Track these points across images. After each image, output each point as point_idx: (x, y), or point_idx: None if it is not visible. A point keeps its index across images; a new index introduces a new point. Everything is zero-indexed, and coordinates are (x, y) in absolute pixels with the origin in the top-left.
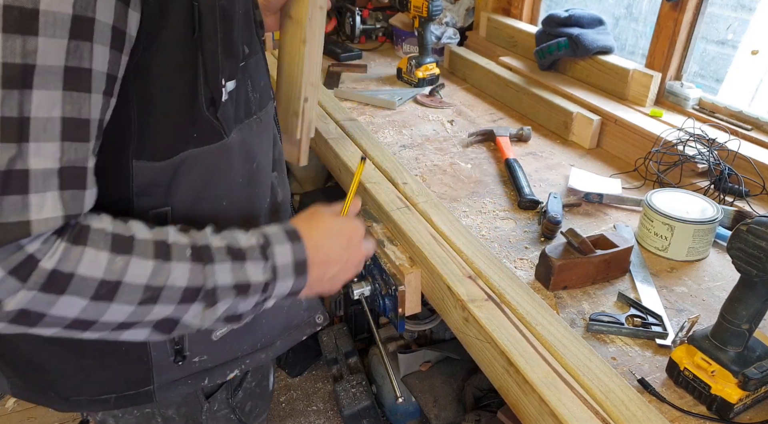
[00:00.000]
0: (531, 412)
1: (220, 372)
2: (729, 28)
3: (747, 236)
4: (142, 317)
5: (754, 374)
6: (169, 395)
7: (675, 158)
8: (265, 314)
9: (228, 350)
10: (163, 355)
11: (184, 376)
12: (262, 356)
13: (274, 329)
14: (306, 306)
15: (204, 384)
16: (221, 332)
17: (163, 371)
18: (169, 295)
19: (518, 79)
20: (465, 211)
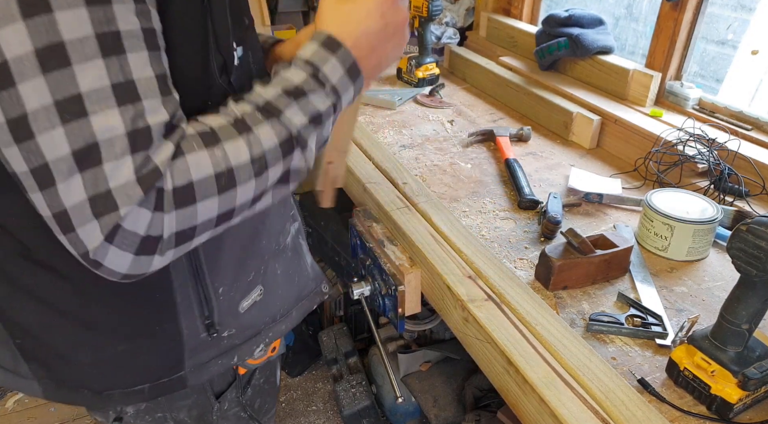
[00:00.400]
0: (531, 412)
1: (247, 349)
2: (729, 28)
3: (747, 236)
4: (265, 185)
5: (754, 374)
6: (201, 377)
7: (675, 158)
8: (280, 286)
9: (252, 322)
10: (194, 332)
11: (215, 356)
12: (282, 328)
13: (289, 300)
14: (312, 276)
15: (233, 362)
16: (246, 303)
17: (195, 351)
18: (273, 156)
19: (518, 79)
20: (465, 211)
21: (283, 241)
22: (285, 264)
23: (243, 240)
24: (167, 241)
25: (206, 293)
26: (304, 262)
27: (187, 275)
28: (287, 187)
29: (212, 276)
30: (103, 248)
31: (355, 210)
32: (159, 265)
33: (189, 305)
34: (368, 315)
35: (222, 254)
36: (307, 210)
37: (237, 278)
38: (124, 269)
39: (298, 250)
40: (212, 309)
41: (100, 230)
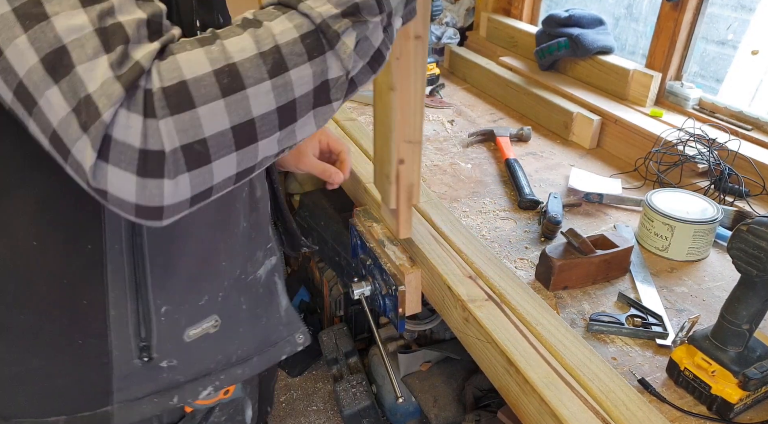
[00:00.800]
0: (531, 412)
1: (190, 389)
2: (729, 29)
3: (747, 236)
4: (291, 92)
5: (755, 374)
6: (131, 416)
7: (675, 158)
8: (242, 323)
9: (201, 357)
10: (125, 354)
11: (150, 392)
12: (238, 372)
13: (250, 341)
14: (285, 321)
15: (172, 403)
16: (195, 332)
17: (126, 381)
18: (292, 53)
19: (518, 79)
20: (465, 211)
21: (252, 271)
22: (252, 300)
23: (199, 254)
24: (173, 159)
25: (146, 309)
26: (277, 303)
27: (126, 284)
28: (330, 107)
29: (156, 290)
30: (100, 169)
31: (356, 210)
32: (173, 195)
33: (123, 320)
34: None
35: (172, 267)
36: (308, 210)
37: (185, 299)
38: (132, 197)
39: (271, 288)
40: (150, 330)
41: (90, 144)
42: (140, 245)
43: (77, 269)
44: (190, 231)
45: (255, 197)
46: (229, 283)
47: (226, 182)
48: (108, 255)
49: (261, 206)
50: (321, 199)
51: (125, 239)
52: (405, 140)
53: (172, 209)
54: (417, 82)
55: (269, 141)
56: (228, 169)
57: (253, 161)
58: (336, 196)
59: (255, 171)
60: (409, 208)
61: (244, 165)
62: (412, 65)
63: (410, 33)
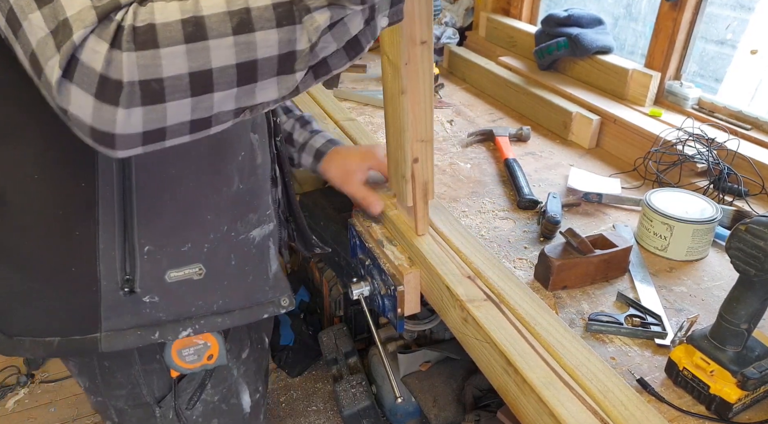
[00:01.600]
0: (530, 412)
1: (172, 328)
2: (728, 28)
3: (746, 236)
4: (253, 52)
5: (753, 373)
6: (116, 344)
7: (674, 158)
8: (224, 276)
9: (182, 300)
10: (112, 285)
11: (134, 325)
12: (218, 321)
13: (234, 295)
14: (272, 284)
15: (154, 338)
16: (176, 274)
17: (113, 311)
18: (261, 17)
19: (518, 79)
20: (464, 211)
21: (244, 231)
22: (242, 257)
23: (183, 205)
24: (129, 90)
25: (131, 246)
26: (267, 267)
27: (115, 222)
28: (293, 77)
29: (140, 230)
30: (65, 88)
31: (355, 210)
32: (124, 125)
33: (111, 254)
34: (368, 315)
35: (157, 211)
36: (307, 210)
37: (167, 243)
38: (89, 118)
39: (264, 251)
40: (134, 266)
41: (59, 61)
42: (129, 188)
43: (72, 203)
44: (177, 182)
45: (255, 164)
46: (216, 237)
47: (180, 128)
48: (99, 193)
49: (260, 173)
50: (320, 200)
51: (116, 181)
52: (418, 139)
53: (123, 140)
54: (425, 84)
55: (225, 95)
56: (181, 114)
57: (208, 112)
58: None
59: (212, 125)
60: (425, 204)
61: (198, 114)
62: (420, 69)
63: (416, 39)
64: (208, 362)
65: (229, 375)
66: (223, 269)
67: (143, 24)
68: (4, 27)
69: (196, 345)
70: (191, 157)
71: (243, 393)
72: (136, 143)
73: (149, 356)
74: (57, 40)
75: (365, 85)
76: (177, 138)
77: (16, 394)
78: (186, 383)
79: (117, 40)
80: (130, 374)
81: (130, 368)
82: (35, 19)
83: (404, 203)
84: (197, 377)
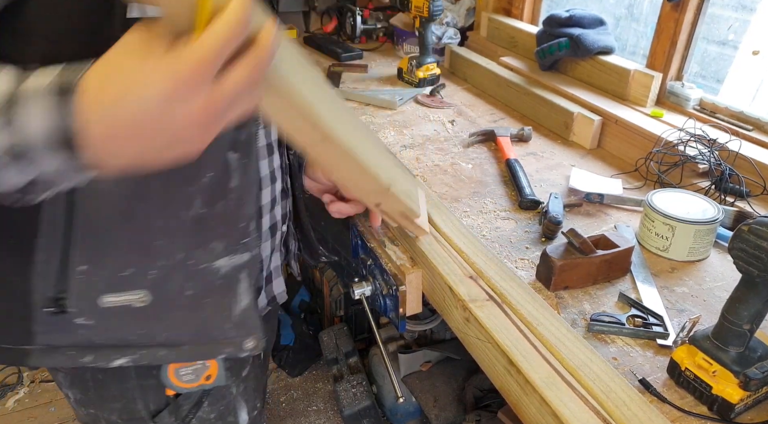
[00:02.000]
0: (532, 412)
1: (104, 355)
2: (730, 29)
3: (748, 236)
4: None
5: (756, 374)
6: (46, 360)
7: (676, 159)
8: (174, 306)
9: (120, 326)
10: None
11: (68, 344)
12: (161, 353)
13: (183, 328)
14: (236, 322)
15: (85, 361)
16: (113, 299)
17: (47, 326)
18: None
19: (519, 80)
20: (466, 211)
21: (206, 260)
22: (201, 288)
23: (128, 226)
24: None
25: (66, 264)
26: (232, 302)
27: (56, 235)
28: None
29: (77, 249)
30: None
31: None
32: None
33: (46, 267)
34: (369, 315)
35: (96, 230)
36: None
37: (104, 265)
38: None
39: (232, 285)
40: (67, 285)
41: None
42: (73, 202)
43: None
44: (123, 202)
45: (226, 187)
46: (168, 264)
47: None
48: (44, 203)
49: (234, 197)
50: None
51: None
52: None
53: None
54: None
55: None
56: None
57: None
58: None
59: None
60: (411, 222)
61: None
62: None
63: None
64: (206, 382)
65: (227, 393)
66: (173, 299)
67: None
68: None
69: (194, 365)
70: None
71: (241, 411)
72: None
73: (146, 371)
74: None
75: (366, 85)
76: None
77: (16, 393)
78: (183, 400)
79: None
80: (125, 388)
81: (125, 382)
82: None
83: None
84: (194, 395)
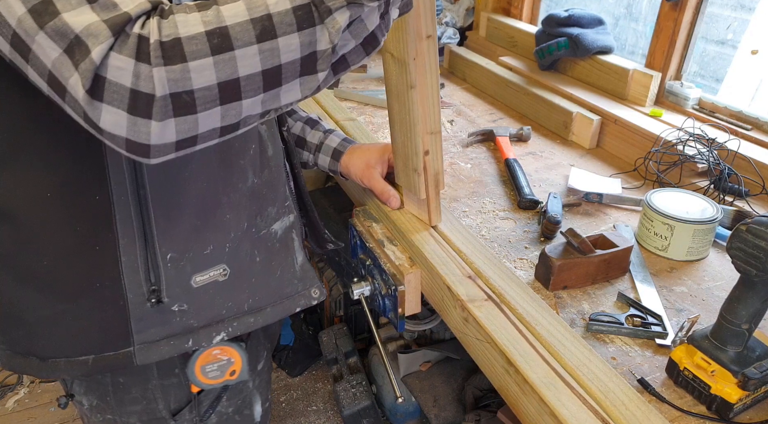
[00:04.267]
0: (531, 412)
1: (205, 334)
2: (729, 28)
3: (747, 236)
4: (277, 58)
5: (754, 373)
6: (151, 356)
7: (675, 158)
8: (255, 274)
9: (211, 303)
10: (138, 298)
11: (166, 335)
12: (250, 320)
13: (263, 292)
14: (300, 276)
15: (188, 346)
16: (202, 278)
17: (143, 323)
18: (283, 22)
19: (518, 79)
20: (465, 211)
21: (264, 226)
22: (267, 252)
23: (200, 207)
24: (162, 104)
25: (153, 255)
26: (293, 259)
27: (135, 232)
28: (315, 77)
29: (161, 239)
30: (95, 108)
31: (355, 210)
32: (159, 136)
33: (134, 266)
34: (368, 315)
35: (174, 217)
36: None
37: (189, 247)
38: (123, 131)
39: (288, 244)
40: (159, 275)
41: (81, 81)
42: (144, 196)
43: (88, 218)
44: (191, 184)
45: (266, 156)
46: (237, 235)
47: (211, 134)
48: (115, 206)
49: (273, 165)
50: (321, 199)
51: (130, 191)
52: (428, 132)
53: (158, 149)
54: (433, 78)
55: (253, 101)
56: (212, 122)
57: (237, 118)
58: (336, 196)
59: (240, 128)
60: (437, 195)
61: (227, 120)
62: (427, 63)
63: (422, 33)
64: (230, 377)
65: (245, 387)
66: (248, 267)
67: (169, 38)
68: (9, 52)
69: (219, 361)
70: (201, 157)
71: (256, 403)
72: (169, 151)
73: (167, 370)
74: (74, 59)
75: (366, 85)
76: (207, 142)
77: (16, 394)
78: (203, 397)
79: (142, 54)
80: (146, 388)
81: (147, 382)
82: (43, 40)
83: (417, 196)
84: (214, 391)
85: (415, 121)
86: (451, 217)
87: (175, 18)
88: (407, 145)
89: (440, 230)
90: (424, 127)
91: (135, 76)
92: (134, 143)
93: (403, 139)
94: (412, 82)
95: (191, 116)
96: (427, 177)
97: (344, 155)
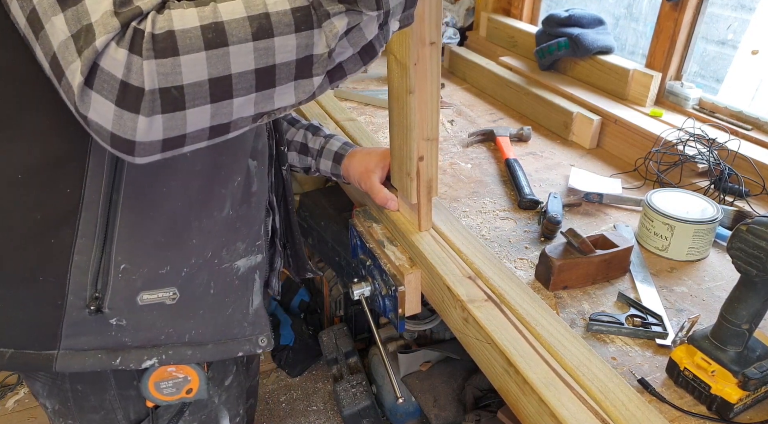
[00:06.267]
0: (530, 412)
1: (135, 355)
2: (729, 28)
3: (747, 236)
4: (272, 57)
5: (754, 374)
6: (72, 364)
7: (675, 158)
8: (200, 305)
9: (151, 325)
10: (79, 300)
11: (96, 347)
12: (187, 353)
13: (209, 327)
14: (252, 320)
15: (115, 364)
16: (149, 297)
17: (75, 328)
18: (280, 22)
19: (518, 79)
20: (465, 211)
21: (228, 259)
22: (224, 287)
23: (168, 225)
24: (150, 98)
25: (107, 262)
26: (249, 300)
27: (95, 234)
28: (310, 81)
29: (120, 247)
30: (86, 95)
31: (355, 210)
32: (145, 133)
33: (84, 267)
34: (368, 315)
35: (140, 229)
36: (307, 210)
37: (145, 263)
38: (109, 124)
39: (248, 284)
40: (106, 284)
41: (80, 67)
42: (116, 201)
43: (53, 209)
44: (166, 201)
45: (249, 191)
46: (198, 262)
47: (200, 134)
48: (84, 203)
49: (254, 202)
50: (321, 200)
51: (104, 193)
52: (424, 138)
53: (143, 147)
54: (433, 84)
55: (245, 100)
56: (201, 121)
57: (228, 118)
58: (336, 196)
59: (231, 130)
60: (429, 201)
61: (218, 120)
62: (428, 69)
63: (426, 39)
64: (186, 395)
65: (209, 402)
66: (200, 297)
67: (162, 31)
68: (24, 26)
69: (175, 379)
70: (184, 176)
71: (223, 419)
72: (155, 150)
73: (126, 382)
74: (78, 44)
75: (366, 85)
76: (196, 144)
77: (16, 393)
78: (163, 411)
79: (136, 46)
80: (104, 398)
81: (105, 392)
82: (58, 21)
83: (408, 200)
84: (175, 406)
85: (411, 125)
86: (451, 217)
87: (171, 12)
88: (403, 148)
89: (440, 230)
90: (421, 132)
91: (126, 68)
92: (119, 138)
93: (400, 143)
94: (411, 88)
95: (179, 113)
96: (419, 182)
97: (345, 159)
